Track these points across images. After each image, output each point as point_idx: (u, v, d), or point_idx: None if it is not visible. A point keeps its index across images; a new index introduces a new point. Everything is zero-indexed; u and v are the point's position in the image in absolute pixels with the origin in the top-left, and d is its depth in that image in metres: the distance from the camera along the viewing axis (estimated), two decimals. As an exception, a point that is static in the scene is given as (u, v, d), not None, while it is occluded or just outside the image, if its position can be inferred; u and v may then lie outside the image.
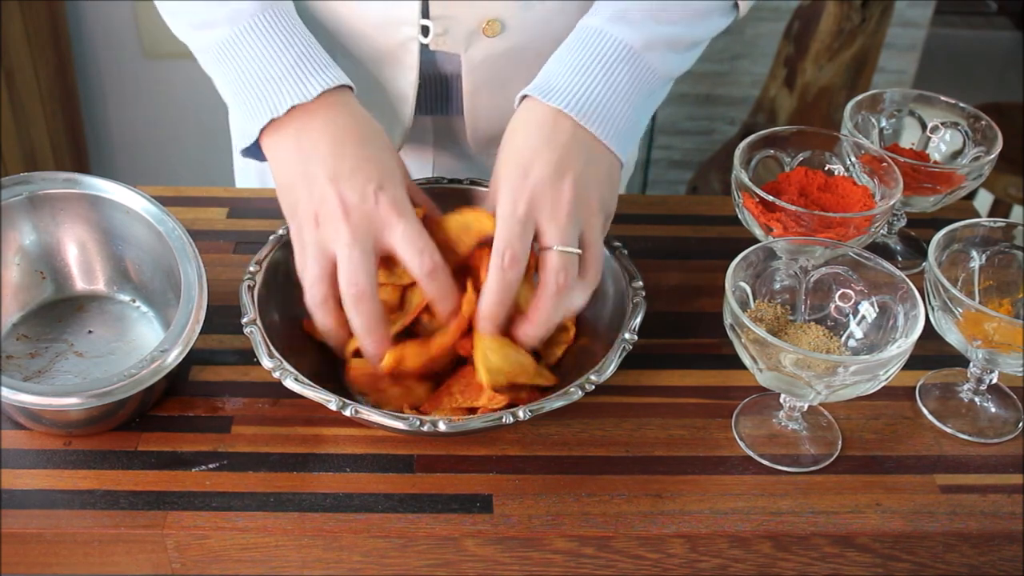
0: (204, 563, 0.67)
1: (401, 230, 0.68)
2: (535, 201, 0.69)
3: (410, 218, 0.68)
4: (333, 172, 0.69)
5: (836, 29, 1.97)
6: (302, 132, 0.71)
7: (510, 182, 0.70)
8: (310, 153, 0.70)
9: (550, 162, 0.70)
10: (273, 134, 0.72)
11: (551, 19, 0.85)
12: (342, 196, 0.68)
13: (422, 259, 0.68)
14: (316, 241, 0.68)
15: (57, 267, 0.79)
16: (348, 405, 0.65)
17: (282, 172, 0.72)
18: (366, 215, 0.68)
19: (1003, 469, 0.72)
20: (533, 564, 0.68)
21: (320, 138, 0.70)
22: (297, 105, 0.71)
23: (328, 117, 0.72)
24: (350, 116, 0.73)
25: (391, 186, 0.69)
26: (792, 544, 0.68)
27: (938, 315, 0.72)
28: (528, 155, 0.70)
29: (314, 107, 0.71)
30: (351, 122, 0.72)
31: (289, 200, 0.71)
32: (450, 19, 0.83)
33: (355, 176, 0.69)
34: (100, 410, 0.68)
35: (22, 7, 1.87)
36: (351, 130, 0.71)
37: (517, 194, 0.69)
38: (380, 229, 0.68)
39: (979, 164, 0.84)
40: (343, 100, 0.73)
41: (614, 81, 0.74)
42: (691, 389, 0.77)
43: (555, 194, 0.69)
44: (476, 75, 0.87)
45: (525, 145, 0.71)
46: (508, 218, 0.69)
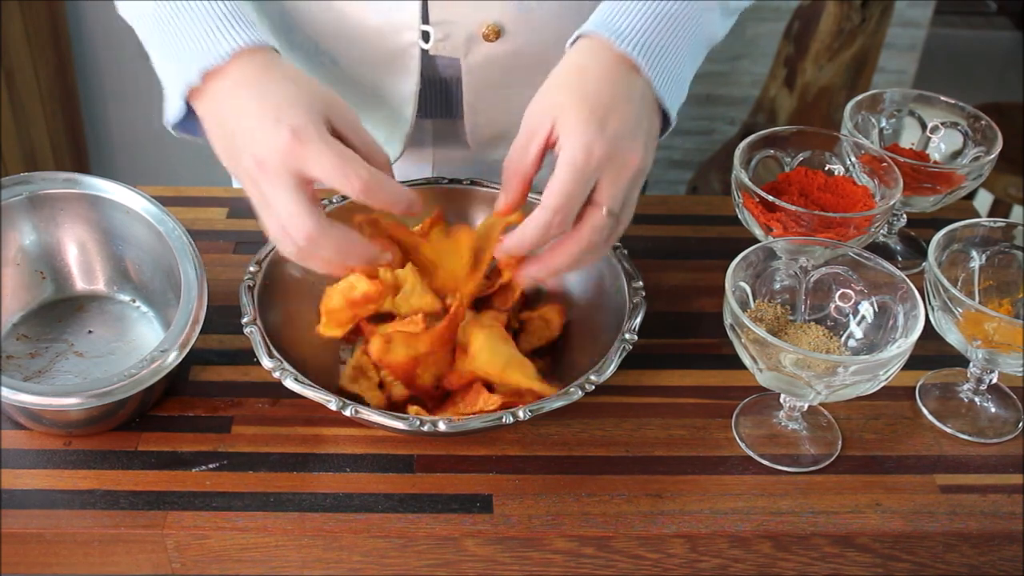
0: (204, 563, 0.67)
1: (312, 158, 0.64)
2: (607, 157, 0.66)
3: (315, 141, 0.64)
4: (241, 126, 0.66)
5: (836, 29, 1.97)
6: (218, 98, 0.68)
7: (587, 129, 0.65)
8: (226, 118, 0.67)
9: (628, 119, 0.67)
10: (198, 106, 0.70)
11: (550, 23, 0.85)
12: (252, 150, 0.65)
13: (349, 180, 0.64)
14: (257, 203, 0.67)
15: (57, 267, 0.79)
16: (348, 405, 0.65)
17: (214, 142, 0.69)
18: (276, 156, 0.64)
19: (1003, 469, 0.72)
20: (533, 564, 0.68)
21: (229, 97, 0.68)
22: (209, 72, 0.68)
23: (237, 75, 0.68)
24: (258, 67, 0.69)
25: (288, 115, 0.65)
26: (792, 544, 0.68)
27: (938, 315, 0.72)
28: (605, 104, 0.67)
29: (228, 68, 0.68)
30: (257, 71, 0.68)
31: (230, 171, 0.70)
32: (450, 24, 0.83)
33: (255, 122, 0.65)
34: (100, 410, 0.68)
35: (22, 7, 1.87)
36: (254, 79, 0.68)
37: (593, 145, 0.65)
38: (297, 166, 0.64)
39: (979, 164, 0.84)
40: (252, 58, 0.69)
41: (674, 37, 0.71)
42: (691, 389, 0.77)
43: (626, 156, 0.67)
44: (476, 79, 0.87)
45: (601, 92, 0.67)
46: (580, 169, 0.65)
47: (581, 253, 0.68)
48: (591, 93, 0.67)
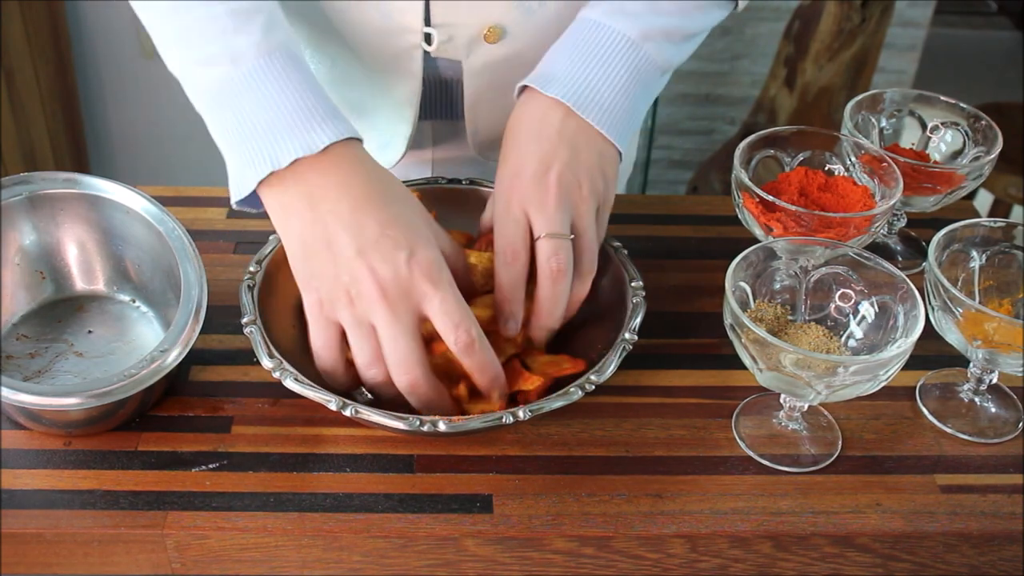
0: (204, 563, 0.67)
1: (438, 302, 0.64)
2: (524, 198, 0.70)
3: (446, 286, 0.65)
4: (360, 243, 0.64)
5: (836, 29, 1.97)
6: (311, 189, 0.66)
7: (503, 185, 0.72)
8: (328, 219, 0.65)
9: (535, 158, 0.71)
10: (276, 190, 0.67)
11: (551, 25, 0.85)
12: (374, 271, 0.64)
13: (458, 333, 0.65)
14: (356, 320, 0.65)
15: (57, 267, 0.79)
16: (348, 405, 0.65)
17: (295, 237, 0.67)
18: (401, 289, 0.64)
19: (1003, 469, 0.72)
20: (533, 564, 0.68)
21: (337, 201, 0.65)
22: (302, 158, 0.65)
23: (341, 175, 0.66)
24: (365, 173, 0.67)
25: (422, 250, 0.65)
26: (792, 544, 0.68)
27: (938, 315, 0.72)
28: (519, 155, 0.72)
29: (322, 162, 0.66)
30: (367, 180, 0.67)
31: (308, 269, 0.67)
32: (453, 26, 0.83)
33: (382, 245, 0.64)
34: (100, 410, 0.68)
35: (22, 7, 1.87)
36: (370, 190, 0.66)
37: (509, 194, 0.71)
38: (418, 301, 0.65)
39: (979, 164, 0.84)
40: (354, 154, 0.68)
41: (612, 71, 0.74)
42: (691, 389, 0.77)
43: (541, 187, 0.70)
44: (477, 81, 0.87)
45: (516, 145, 0.73)
46: (502, 217, 0.71)
47: (553, 285, 0.70)
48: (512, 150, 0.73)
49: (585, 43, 0.75)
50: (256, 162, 0.66)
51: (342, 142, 0.67)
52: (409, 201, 0.69)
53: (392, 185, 0.69)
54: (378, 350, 0.65)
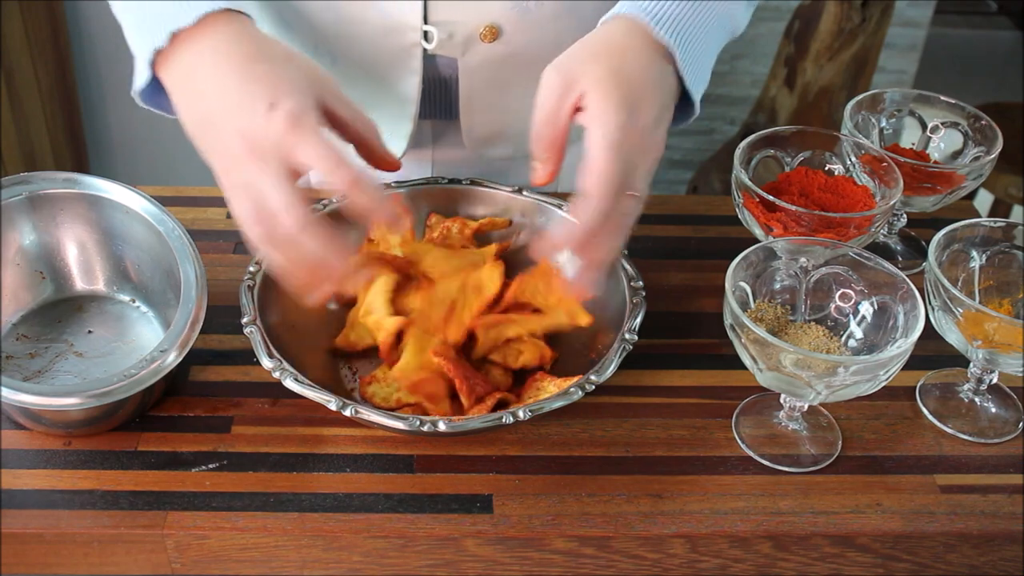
0: (204, 563, 0.67)
1: (307, 148, 0.61)
2: (638, 144, 0.66)
3: (312, 131, 0.62)
4: (223, 104, 0.63)
5: (836, 29, 1.97)
6: (190, 64, 0.65)
7: (618, 115, 0.65)
8: (202, 89, 0.65)
9: (656, 106, 0.68)
10: (165, 73, 0.67)
11: (547, 25, 0.85)
12: (238, 128, 0.62)
13: (339, 172, 0.62)
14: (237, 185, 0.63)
15: (57, 267, 0.79)
16: (348, 405, 0.65)
17: (183, 115, 0.67)
18: (268, 141, 0.61)
19: (1003, 469, 0.72)
20: (533, 564, 0.68)
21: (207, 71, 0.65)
22: (180, 31, 0.65)
23: (211, 41, 0.65)
24: (236, 39, 0.65)
25: (284, 99, 0.62)
26: (792, 544, 0.68)
27: (938, 315, 0.72)
28: (637, 89, 0.67)
29: (199, 33, 0.65)
30: (237, 44, 0.65)
31: (202, 148, 0.66)
32: (452, 24, 0.83)
33: (243, 102, 0.62)
34: (100, 410, 0.68)
35: (22, 7, 1.87)
36: (238, 53, 0.65)
37: (624, 132, 0.65)
38: (287, 151, 0.62)
39: (979, 164, 0.84)
40: (231, 23, 0.66)
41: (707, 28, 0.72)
42: (691, 389, 0.77)
43: (652, 142, 0.68)
44: (472, 79, 0.87)
45: (635, 74, 0.68)
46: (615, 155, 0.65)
47: (621, 242, 0.67)
48: (626, 74, 0.67)
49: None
50: (144, 44, 0.66)
51: (221, 13, 0.66)
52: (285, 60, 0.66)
53: (266, 47, 0.66)
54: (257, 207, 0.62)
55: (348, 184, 0.62)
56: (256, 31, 0.67)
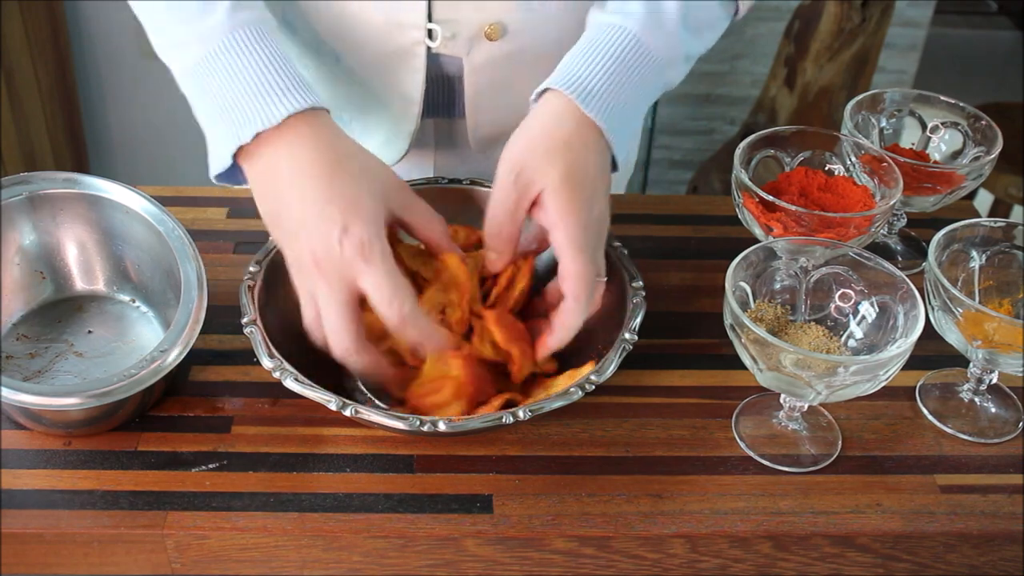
0: (204, 563, 0.67)
1: (369, 277, 0.65)
2: (596, 235, 0.71)
3: (377, 262, 0.65)
4: (299, 215, 0.66)
5: (836, 29, 1.97)
6: (270, 165, 0.68)
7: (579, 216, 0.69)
8: (279, 187, 0.68)
9: (605, 194, 0.72)
10: (246, 165, 0.70)
11: (551, 23, 0.85)
12: (310, 246, 0.65)
13: (391, 308, 0.65)
14: (303, 288, 0.68)
15: (57, 267, 0.79)
16: (348, 405, 0.65)
17: (261, 208, 0.70)
18: (335, 264, 0.65)
19: (1003, 469, 0.72)
20: (533, 564, 0.68)
21: (284, 174, 0.67)
22: (263, 132, 0.67)
23: (294, 149, 0.68)
24: (315, 143, 0.68)
25: (357, 225, 0.65)
26: (792, 544, 0.68)
27: (938, 315, 0.72)
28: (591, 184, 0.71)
29: (281, 135, 0.68)
30: (316, 150, 0.68)
31: (274, 235, 0.71)
32: (456, 23, 0.83)
33: (319, 221, 0.65)
34: (100, 410, 0.68)
35: (22, 7, 1.87)
36: (316, 161, 0.67)
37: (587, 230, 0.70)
38: (352, 277, 0.65)
39: (979, 164, 0.84)
40: (312, 124, 0.69)
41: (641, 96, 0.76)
42: (691, 389, 0.77)
43: (604, 228, 0.72)
44: (477, 78, 0.87)
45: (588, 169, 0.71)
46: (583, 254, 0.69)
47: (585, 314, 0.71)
48: (580, 172, 0.71)
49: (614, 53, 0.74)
50: (227, 139, 0.69)
51: (303, 114, 0.68)
52: (363, 174, 0.68)
53: (346, 156, 0.69)
54: (318, 317, 0.67)
55: (396, 322, 0.66)
56: (335, 133, 0.70)
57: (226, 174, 0.71)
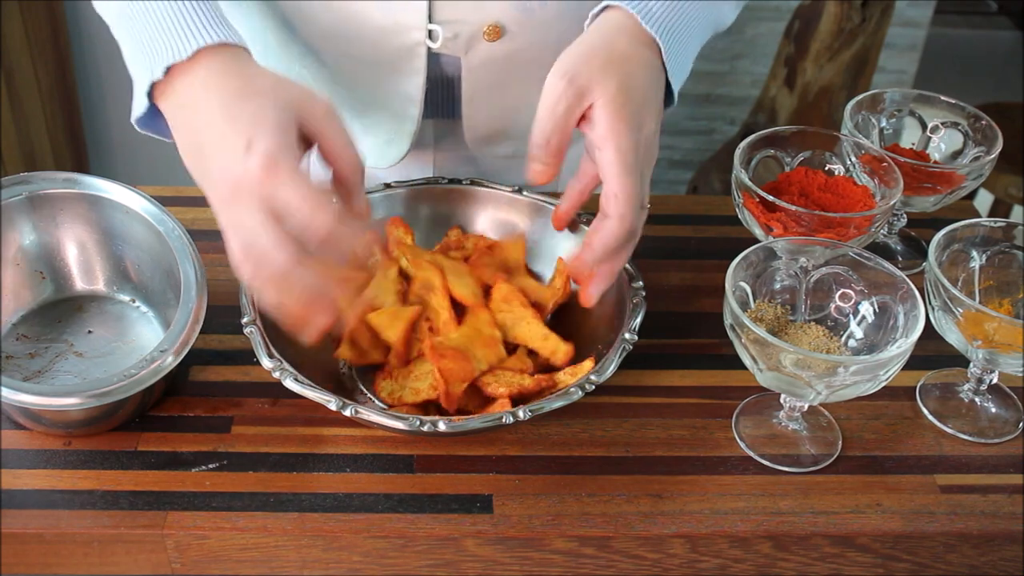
0: (204, 563, 0.67)
1: (283, 190, 0.61)
2: (645, 158, 0.69)
3: (285, 173, 0.61)
4: (209, 141, 0.63)
5: (836, 29, 1.97)
6: (182, 99, 0.66)
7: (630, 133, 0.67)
8: (190, 122, 0.65)
9: (655, 117, 0.70)
10: (162, 104, 0.67)
11: (550, 25, 0.85)
12: (221, 168, 0.62)
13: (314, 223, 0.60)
14: (228, 222, 0.63)
15: (57, 267, 0.79)
16: (348, 405, 0.65)
17: (179, 144, 0.67)
18: (247, 181, 0.61)
19: (1003, 469, 0.72)
20: (533, 564, 0.68)
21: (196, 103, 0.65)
22: (175, 66, 0.65)
23: (204, 79, 0.65)
24: (225, 70, 0.65)
25: (260, 138, 0.61)
26: (792, 544, 0.68)
27: (938, 315, 0.72)
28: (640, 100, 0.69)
29: (193, 67, 0.65)
30: (225, 75, 0.65)
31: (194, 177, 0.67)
32: (456, 23, 0.83)
33: (224, 140, 0.62)
34: (100, 410, 0.68)
35: (22, 7, 1.87)
36: (224, 85, 0.65)
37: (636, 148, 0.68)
38: (267, 194, 0.61)
39: (979, 164, 0.84)
40: (224, 57, 0.66)
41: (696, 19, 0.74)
42: (691, 389, 0.77)
43: (653, 152, 0.70)
44: (475, 78, 0.87)
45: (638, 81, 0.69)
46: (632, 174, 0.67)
47: (629, 251, 0.70)
48: (633, 88, 0.69)
49: None
50: (142, 76, 0.67)
51: (216, 47, 0.66)
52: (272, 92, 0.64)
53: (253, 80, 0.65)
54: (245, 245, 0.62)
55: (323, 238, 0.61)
56: (247, 63, 0.67)
57: (149, 120, 0.69)
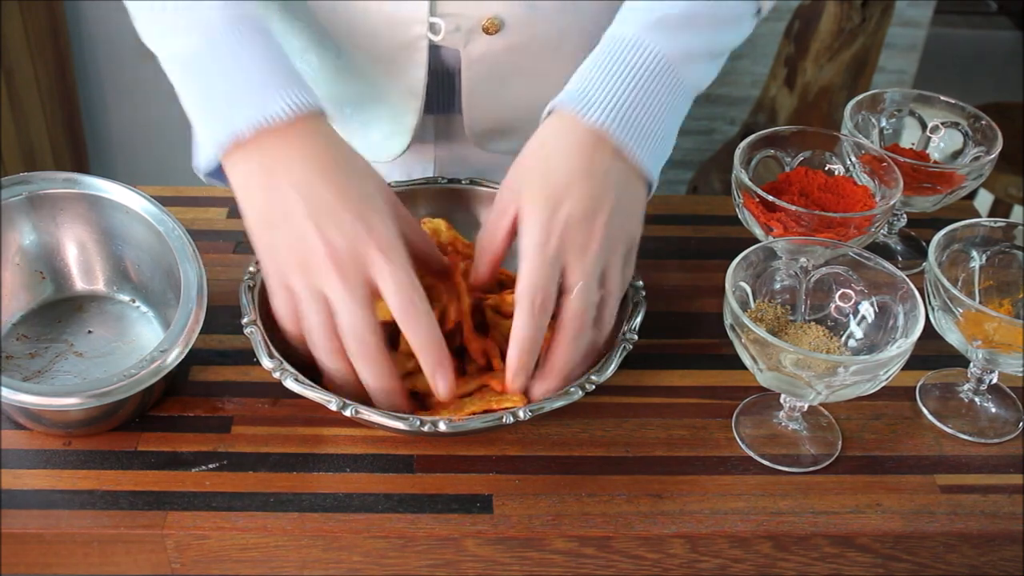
0: (204, 563, 0.67)
1: (388, 274, 0.63)
2: (565, 240, 0.66)
3: (399, 261, 0.64)
4: (315, 212, 0.63)
5: (836, 29, 1.97)
6: (272, 159, 0.65)
7: (540, 215, 0.66)
8: (285, 188, 0.64)
9: (584, 197, 0.66)
10: (238, 160, 0.66)
11: (550, 18, 0.85)
12: (328, 240, 0.63)
13: (407, 307, 0.63)
14: (308, 289, 0.64)
15: (57, 267, 0.79)
16: (348, 405, 0.65)
17: (252, 205, 0.66)
18: (355, 259, 0.63)
19: (1003, 469, 0.72)
20: (533, 564, 0.68)
21: (295, 171, 0.65)
22: (263, 128, 0.64)
23: (301, 145, 0.65)
24: (325, 144, 0.66)
25: (378, 223, 0.64)
26: (792, 544, 0.68)
27: (938, 315, 0.72)
28: (561, 185, 0.67)
29: (283, 132, 0.65)
30: (327, 150, 0.66)
31: (265, 239, 0.66)
32: (458, 16, 0.83)
33: (337, 213, 0.63)
34: (100, 410, 0.68)
35: (22, 7, 1.87)
36: (329, 160, 0.65)
37: (548, 231, 0.65)
38: (371, 273, 0.63)
39: (979, 164, 0.84)
40: (315, 125, 0.67)
41: (650, 96, 0.70)
42: (691, 389, 0.77)
43: (586, 233, 0.66)
44: (475, 72, 0.87)
45: (559, 171, 0.67)
46: (538, 257, 0.65)
47: (575, 342, 0.67)
48: (550, 173, 0.67)
49: (622, 63, 0.70)
50: (219, 132, 0.66)
51: (304, 114, 0.66)
52: (370, 178, 0.67)
53: (353, 159, 0.67)
54: (330, 321, 0.64)
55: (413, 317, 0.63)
56: (338, 136, 0.68)
57: (217, 174, 0.69)
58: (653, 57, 0.70)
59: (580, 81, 0.71)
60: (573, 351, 0.67)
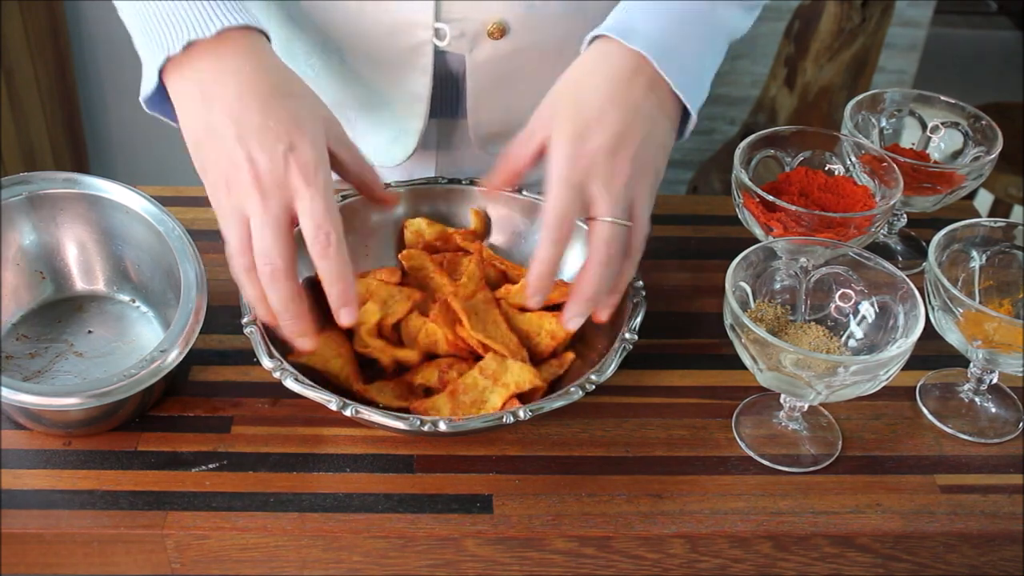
0: (204, 563, 0.67)
1: (308, 199, 0.63)
2: (591, 170, 0.66)
3: (319, 186, 0.63)
4: (240, 128, 0.63)
5: (836, 29, 1.97)
6: (206, 78, 0.65)
7: (568, 147, 0.66)
8: (214, 102, 0.64)
9: (613, 130, 0.67)
10: (175, 79, 0.66)
11: (555, 23, 0.85)
12: (251, 158, 0.63)
13: (318, 234, 0.63)
14: (231, 208, 0.64)
15: (57, 267, 0.79)
16: (348, 405, 0.65)
17: (187, 123, 0.66)
18: (277, 181, 0.63)
19: (1003, 469, 0.72)
20: (533, 564, 0.68)
21: (225, 87, 0.64)
22: (196, 42, 0.64)
23: (233, 61, 0.65)
24: (257, 62, 0.65)
25: (303, 145, 0.63)
26: (792, 544, 0.68)
27: (938, 315, 0.72)
28: (592, 115, 0.67)
29: (216, 48, 0.65)
30: (258, 69, 0.65)
31: (198, 158, 0.66)
32: (463, 21, 0.83)
33: (264, 134, 0.63)
34: (100, 410, 0.68)
35: (22, 7, 1.87)
36: (260, 79, 0.65)
37: (574, 160, 0.66)
38: (290, 195, 0.63)
39: (979, 164, 0.84)
40: (250, 43, 0.66)
41: (691, 32, 0.71)
42: (691, 389, 0.77)
43: (612, 167, 0.67)
44: (480, 76, 0.87)
45: (591, 100, 0.68)
46: (564, 187, 0.66)
47: (602, 270, 0.67)
48: (581, 103, 0.68)
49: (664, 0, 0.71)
50: (156, 53, 0.66)
51: (240, 30, 0.66)
52: (304, 98, 0.67)
53: (287, 79, 0.67)
54: (248, 240, 0.64)
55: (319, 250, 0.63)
56: (275, 57, 0.68)
57: (158, 100, 0.68)
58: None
59: (622, 11, 0.72)
60: (601, 276, 0.68)
